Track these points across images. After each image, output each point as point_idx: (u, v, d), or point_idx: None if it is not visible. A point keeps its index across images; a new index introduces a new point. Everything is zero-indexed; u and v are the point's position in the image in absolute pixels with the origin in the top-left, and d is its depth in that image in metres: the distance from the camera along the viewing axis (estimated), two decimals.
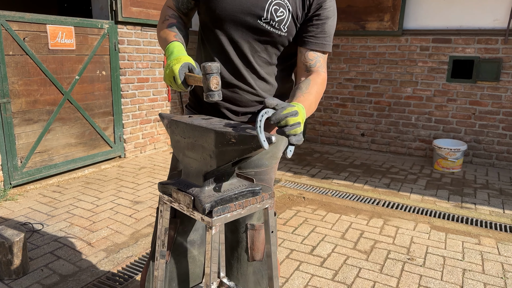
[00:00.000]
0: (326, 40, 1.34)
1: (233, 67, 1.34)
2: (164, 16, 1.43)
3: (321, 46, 1.33)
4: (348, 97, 5.19)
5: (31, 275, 2.20)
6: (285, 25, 1.30)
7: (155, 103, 4.71)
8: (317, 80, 1.32)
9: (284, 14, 1.29)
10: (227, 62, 1.34)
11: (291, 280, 2.24)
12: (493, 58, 4.32)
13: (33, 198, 3.26)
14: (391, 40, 4.79)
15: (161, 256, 1.29)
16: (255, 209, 1.16)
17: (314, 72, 1.34)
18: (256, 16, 1.28)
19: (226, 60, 1.34)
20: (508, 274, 2.35)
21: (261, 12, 1.28)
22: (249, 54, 1.33)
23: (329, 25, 1.33)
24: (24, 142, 3.42)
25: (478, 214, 3.19)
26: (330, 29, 1.34)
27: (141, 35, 4.36)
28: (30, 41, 3.34)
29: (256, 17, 1.29)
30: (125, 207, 3.14)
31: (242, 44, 1.32)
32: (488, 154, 4.54)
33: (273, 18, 1.29)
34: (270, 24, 1.29)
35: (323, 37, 1.32)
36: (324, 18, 1.32)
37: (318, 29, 1.32)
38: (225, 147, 1.05)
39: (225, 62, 1.35)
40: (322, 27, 1.32)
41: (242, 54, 1.33)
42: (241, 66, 1.34)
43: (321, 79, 1.34)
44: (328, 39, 1.35)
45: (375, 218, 3.08)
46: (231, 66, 1.34)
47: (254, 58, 1.34)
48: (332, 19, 1.34)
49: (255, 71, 1.36)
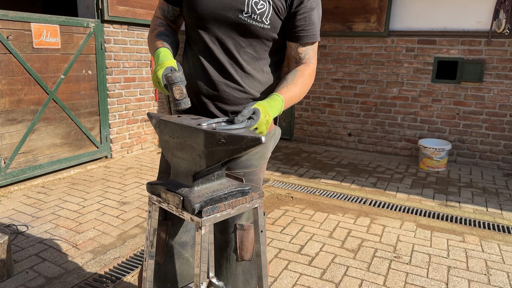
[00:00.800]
0: (314, 31, 1.36)
1: (219, 65, 1.34)
2: (153, 27, 1.47)
3: (308, 38, 1.36)
4: (335, 97, 5.23)
5: (15, 278, 2.16)
6: (266, 17, 1.30)
7: (142, 103, 4.67)
8: (304, 71, 1.35)
9: (265, 7, 1.30)
10: (212, 60, 1.34)
11: (280, 279, 2.25)
12: (476, 59, 4.41)
13: (17, 200, 3.20)
14: (378, 41, 4.85)
15: (149, 257, 1.28)
16: (244, 208, 1.16)
17: (302, 64, 1.38)
18: (237, 11, 1.29)
19: (212, 59, 1.34)
20: (491, 271, 2.41)
21: (242, 6, 1.28)
22: (234, 50, 1.33)
23: (314, 15, 1.35)
24: (8, 142, 3.35)
25: (462, 212, 3.25)
26: (315, 19, 1.36)
27: (128, 34, 4.32)
28: (14, 39, 3.28)
29: (237, 12, 1.29)
30: (112, 208, 3.11)
31: (226, 41, 1.33)
32: (471, 154, 4.63)
33: (254, 11, 1.29)
34: (252, 17, 1.29)
35: (311, 28, 1.35)
36: (308, 10, 1.33)
37: (306, 22, 1.33)
38: (214, 147, 1.06)
39: (210, 60, 1.34)
40: (309, 19, 1.33)
41: (227, 51, 1.34)
42: (227, 63, 1.34)
43: (310, 70, 1.37)
44: (316, 29, 1.37)
45: (362, 217, 3.12)
46: (217, 64, 1.34)
47: (240, 54, 1.34)
48: (317, 9, 1.36)
49: (241, 67, 1.35)
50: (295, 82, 1.31)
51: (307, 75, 1.36)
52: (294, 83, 1.31)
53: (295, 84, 1.31)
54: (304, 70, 1.36)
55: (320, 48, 5.17)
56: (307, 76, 1.36)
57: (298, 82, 1.32)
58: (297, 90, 1.30)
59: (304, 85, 1.34)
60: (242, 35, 1.32)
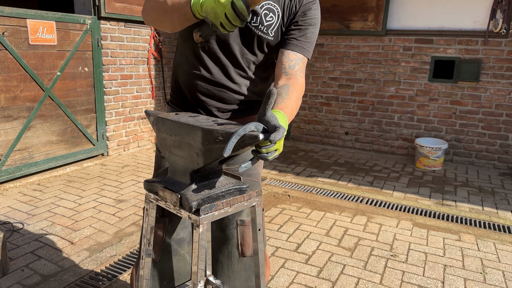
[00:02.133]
0: (306, 45, 1.34)
1: (222, 67, 1.35)
2: None
3: (301, 49, 1.33)
4: (332, 96, 5.23)
5: (11, 276, 2.15)
6: (272, 29, 1.32)
7: (138, 100, 4.65)
8: (296, 86, 1.29)
9: (273, 19, 1.31)
10: (216, 61, 1.35)
11: (277, 278, 2.25)
12: (473, 59, 4.42)
13: (13, 197, 3.18)
14: (375, 40, 4.85)
15: (146, 255, 1.28)
16: (242, 207, 1.16)
17: (292, 78, 1.30)
18: None
19: (216, 60, 1.35)
20: (487, 270, 2.42)
21: (252, 16, 1.28)
22: (238, 55, 1.34)
23: (311, 32, 1.35)
24: (3, 139, 3.33)
25: (459, 211, 3.26)
26: (311, 36, 1.35)
27: (125, 31, 4.30)
28: (10, 35, 3.25)
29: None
30: (108, 206, 3.10)
31: (232, 45, 1.33)
32: (468, 153, 4.65)
33: (262, 23, 1.30)
34: (259, 28, 1.31)
35: (304, 41, 1.34)
36: (307, 25, 1.34)
37: (300, 33, 1.33)
38: (212, 145, 1.05)
39: (214, 61, 1.35)
40: (304, 32, 1.33)
41: (232, 55, 1.34)
42: (230, 67, 1.35)
43: (299, 86, 1.30)
44: (309, 45, 1.35)
45: (359, 216, 3.12)
46: (221, 66, 1.35)
47: (243, 59, 1.35)
48: (315, 27, 1.36)
49: (244, 72, 1.37)
50: (290, 96, 1.24)
51: (298, 90, 1.29)
52: (290, 97, 1.24)
53: (290, 98, 1.24)
54: (295, 85, 1.28)
55: (318, 47, 5.17)
56: (299, 92, 1.29)
57: (292, 96, 1.25)
58: (293, 104, 1.24)
59: (298, 99, 1.28)
60: (246, 42, 1.33)
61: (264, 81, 1.44)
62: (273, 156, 1.03)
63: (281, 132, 0.97)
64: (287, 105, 1.20)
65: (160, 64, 4.86)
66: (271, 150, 1.01)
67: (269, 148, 1.00)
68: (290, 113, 1.20)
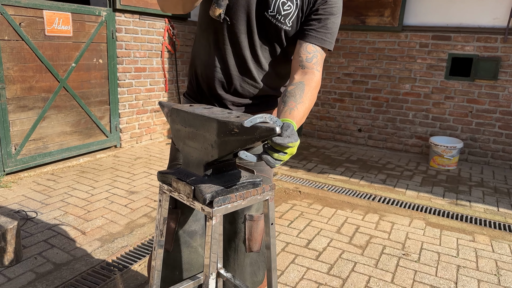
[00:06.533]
0: (327, 37, 1.28)
1: (240, 59, 1.33)
2: None
3: (320, 41, 1.28)
4: (346, 92, 5.18)
5: (24, 263, 2.18)
6: (290, 19, 1.28)
7: (152, 93, 4.67)
8: (311, 84, 1.24)
9: (291, 8, 1.27)
10: (234, 53, 1.32)
11: (287, 273, 2.24)
12: (492, 56, 4.33)
13: (27, 186, 3.23)
14: (391, 36, 4.78)
15: (159, 246, 1.28)
16: (255, 200, 1.15)
17: (308, 72, 1.26)
18: (263, 7, 1.26)
19: (234, 52, 1.32)
20: (501, 271, 2.37)
21: (268, 4, 1.26)
22: (256, 46, 1.31)
23: (332, 22, 1.29)
24: (19, 129, 3.37)
25: (473, 212, 3.21)
26: (332, 26, 1.29)
27: (139, 24, 4.31)
28: (26, 26, 3.29)
29: (263, 8, 1.26)
30: (120, 197, 3.12)
31: (250, 36, 1.30)
32: (483, 153, 4.56)
33: (279, 12, 1.26)
34: (276, 17, 1.27)
35: (324, 32, 1.28)
36: (327, 14, 1.28)
37: (320, 23, 1.28)
38: (227, 137, 1.04)
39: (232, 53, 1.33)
40: (324, 22, 1.27)
41: (250, 46, 1.31)
42: (248, 59, 1.33)
43: (315, 83, 1.26)
44: (330, 36, 1.29)
45: (371, 214, 3.09)
46: (238, 58, 1.33)
47: (261, 51, 1.32)
48: (336, 17, 1.31)
49: (260, 64, 1.34)
50: (303, 99, 1.20)
51: (313, 88, 1.25)
52: (303, 101, 1.20)
53: (303, 102, 1.20)
54: (311, 82, 1.24)
55: None
56: (313, 90, 1.25)
57: (306, 99, 1.21)
58: (306, 109, 1.21)
59: (311, 100, 1.24)
60: (265, 32, 1.30)
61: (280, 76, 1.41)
62: (277, 164, 1.00)
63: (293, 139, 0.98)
64: (299, 111, 1.17)
65: (173, 57, 4.87)
66: (281, 158, 0.99)
67: (281, 156, 0.98)
68: (300, 119, 1.18)
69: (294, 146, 0.98)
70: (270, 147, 0.98)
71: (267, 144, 0.99)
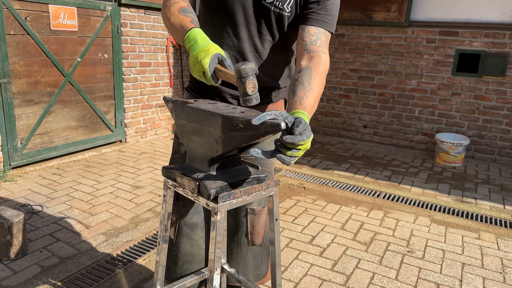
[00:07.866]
0: (327, 18, 1.26)
1: (239, 51, 1.31)
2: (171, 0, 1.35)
3: (321, 22, 1.26)
4: (351, 88, 5.15)
5: (30, 256, 2.20)
6: (288, 4, 1.26)
7: (157, 88, 4.67)
8: (319, 68, 1.21)
9: None
10: (232, 46, 1.31)
11: (290, 269, 2.24)
12: (500, 52, 4.27)
13: (33, 180, 3.25)
14: (398, 31, 4.73)
15: (163, 241, 1.28)
16: (260, 196, 1.14)
17: (315, 56, 1.23)
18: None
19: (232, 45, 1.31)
20: (507, 269, 2.35)
21: None
22: (255, 37, 1.30)
23: (331, 3, 1.27)
24: (25, 123, 3.39)
25: (479, 209, 3.18)
26: (332, 8, 1.27)
27: (145, 19, 4.30)
28: (32, 20, 3.29)
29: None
30: (125, 192, 3.13)
31: (248, 27, 1.29)
32: (490, 150, 4.52)
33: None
34: (274, 4, 1.26)
35: (324, 14, 1.26)
36: None
37: (320, 5, 1.26)
38: (232, 132, 1.03)
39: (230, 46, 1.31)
40: (323, 4, 1.26)
41: (249, 37, 1.30)
42: (247, 51, 1.31)
43: (323, 66, 1.22)
44: (330, 18, 1.27)
45: (375, 210, 3.08)
46: (237, 50, 1.32)
47: (261, 41, 1.31)
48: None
49: (260, 55, 1.33)
50: (312, 86, 1.17)
51: (321, 72, 1.21)
52: (312, 87, 1.16)
53: (312, 89, 1.16)
54: (318, 67, 1.21)
55: (338, 37, 5.08)
56: (322, 74, 1.21)
57: (315, 86, 1.17)
58: (316, 96, 1.17)
59: (320, 85, 1.20)
60: (263, 21, 1.29)
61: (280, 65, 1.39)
62: (292, 161, 0.99)
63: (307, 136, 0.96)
64: (309, 100, 1.14)
65: (178, 53, 4.86)
66: (294, 155, 0.97)
67: (294, 153, 0.96)
68: (312, 108, 1.15)
69: (307, 143, 0.96)
70: (282, 144, 0.96)
71: (278, 141, 0.97)
